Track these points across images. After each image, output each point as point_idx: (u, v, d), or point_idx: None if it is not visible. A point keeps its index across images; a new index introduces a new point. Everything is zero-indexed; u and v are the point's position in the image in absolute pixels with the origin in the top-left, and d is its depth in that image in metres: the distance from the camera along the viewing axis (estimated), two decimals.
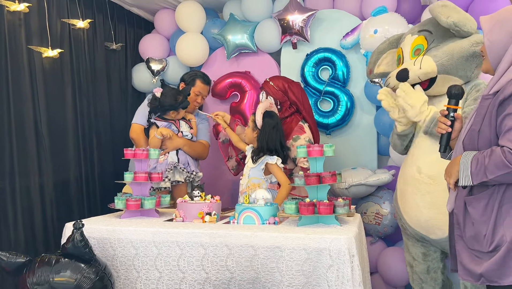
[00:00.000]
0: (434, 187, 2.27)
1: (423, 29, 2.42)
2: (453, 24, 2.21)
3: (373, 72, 2.72)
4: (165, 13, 4.03)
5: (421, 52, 2.36)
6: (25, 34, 2.88)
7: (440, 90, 2.34)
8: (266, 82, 2.99)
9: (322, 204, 1.87)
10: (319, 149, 1.96)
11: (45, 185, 2.99)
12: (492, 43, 1.62)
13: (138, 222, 2.11)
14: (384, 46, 2.70)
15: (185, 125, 2.93)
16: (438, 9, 2.28)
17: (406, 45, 2.46)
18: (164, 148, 2.80)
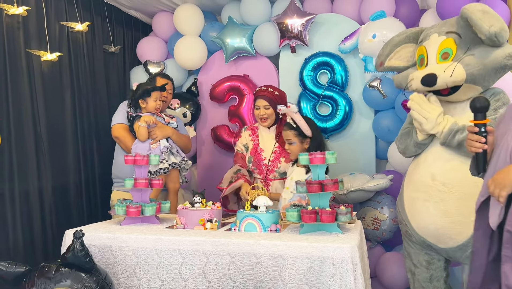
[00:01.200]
0: (448, 195, 2.21)
1: (452, 31, 2.25)
2: (494, 35, 2.07)
3: (383, 65, 2.59)
4: (163, 16, 4.02)
5: (450, 56, 2.23)
6: (23, 38, 2.85)
7: (460, 98, 2.29)
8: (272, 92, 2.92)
9: (325, 212, 1.88)
10: (321, 156, 1.96)
11: (44, 190, 2.97)
12: None
13: (139, 229, 2.11)
14: (400, 39, 2.55)
15: (166, 116, 2.99)
16: (479, 14, 2.10)
17: (431, 46, 2.31)
18: (154, 136, 2.84)
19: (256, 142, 2.95)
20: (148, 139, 2.85)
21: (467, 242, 2.19)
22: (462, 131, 2.17)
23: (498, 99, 2.20)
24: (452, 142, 2.20)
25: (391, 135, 3.38)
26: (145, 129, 2.80)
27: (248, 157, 2.94)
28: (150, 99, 2.86)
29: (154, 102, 2.85)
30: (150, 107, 2.86)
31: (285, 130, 2.60)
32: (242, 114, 3.72)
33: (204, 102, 3.93)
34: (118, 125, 3.01)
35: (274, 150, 2.88)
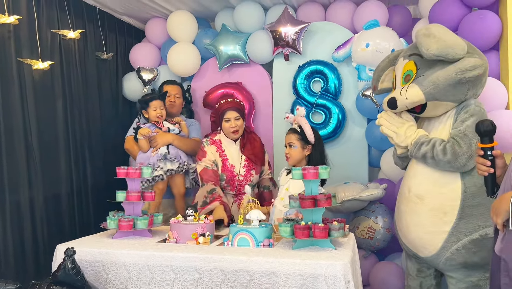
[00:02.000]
0: (420, 207, 2.31)
1: (413, 53, 2.39)
2: (434, 56, 2.19)
3: (377, 89, 2.73)
4: (156, 22, 4.00)
5: (411, 78, 2.34)
6: (14, 46, 2.83)
7: (434, 113, 2.37)
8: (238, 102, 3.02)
9: (318, 228, 1.88)
10: (314, 172, 1.96)
11: (35, 200, 2.94)
12: None
13: (131, 243, 2.09)
14: (385, 64, 2.69)
15: (168, 123, 3.06)
16: (419, 39, 2.26)
17: (398, 69, 2.47)
18: (154, 145, 2.94)
19: (224, 158, 2.84)
20: (151, 148, 2.98)
21: (439, 251, 2.27)
22: (427, 143, 2.25)
23: (466, 111, 2.26)
24: (417, 154, 2.28)
25: (383, 144, 3.38)
26: (144, 141, 2.94)
27: (220, 175, 2.82)
28: (150, 109, 3.01)
29: (154, 111, 2.99)
30: (152, 117, 3.01)
31: (288, 134, 2.59)
32: None
33: (197, 109, 3.92)
34: (128, 137, 3.21)
35: (244, 164, 2.84)
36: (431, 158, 2.20)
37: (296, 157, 2.53)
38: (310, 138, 2.51)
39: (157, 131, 2.98)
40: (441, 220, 2.22)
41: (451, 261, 2.22)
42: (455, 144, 2.15)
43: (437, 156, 2.18)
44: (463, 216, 2.18)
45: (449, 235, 2.21)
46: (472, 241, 2.17)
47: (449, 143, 2.17)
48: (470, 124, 2.16)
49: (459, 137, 2.17)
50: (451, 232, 2.20)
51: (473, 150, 2.13)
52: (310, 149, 2.54)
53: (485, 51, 2.89)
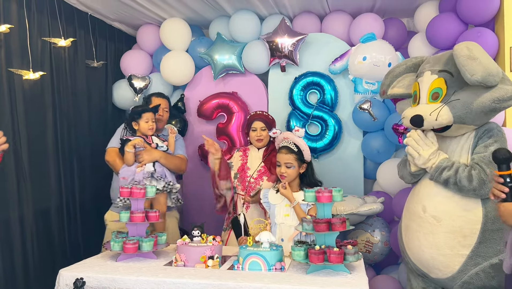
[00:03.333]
0: (437, 228, 2.25)
1: (444, 69, 2.28)
2: (477, 82, 2.09)
3: (386, 93, 2.64)
4: (148, 29, 3.90)
5: (439, 97, 2.25)
6: (5, 56, 2.70)
7: (454, 134, 2.31)
8: (267, 116, 3.00)
9: (333, 253, 1.86)
10: (329, 194, 1.94)
11: (25, 216, 2.82)
12: None
13: (137, 267, 2.02)
14: (400, 70, 2.59)
15: (157, 139, 2.91)
16: (463, 61, 2.11)
17: (424, 84, 2.34)
18: (140, 160, 2.79)
19: (244, 161, 3.01)
20: (136, 162, 2.80)
21: (456, 274, 2.24)
22: (449, 168, 2.20)
23: (490, 136, 2.21)
24: (439, 179, 2.24)
25: (380, 157, 3.41)
26: (131, 154, 2.78)
27: (234, 174, 2.99)
28: (142, 121, 2.84)
29: (146, 124, 2.83)
30: (143, 129, 2.84)
31: (284, 154, 2.56)
32: (231, 132, 3.66)
33: (191, 118, 3.85)
34: (110, 149, 3.00)
35: (259, 169, 2.92)
36: (453, 184, 2.16)
37: (293, 176, 2.54)
38: (308, 157, 2.56)
39: (145, 146, 2.83)
40: (460, 243, 2.17)
41: (469, 285, 2.19)
42: (481, 172, 2.11)
43: (460, 182, 2.14)
44: (483, 240, 2.15)
45: (468, 259, 2.18)
46: (491, 265, 2.15)
47: (475, 171, 2.12)
48: None
49: (485, 164, 2.12)
50: (470, 255, 2.17)
51: None
52: (304, 167, 2.57)
53: None
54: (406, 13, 3.66)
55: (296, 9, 3.61)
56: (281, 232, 2.44)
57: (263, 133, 2.93)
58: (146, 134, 2.86)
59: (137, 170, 2.76)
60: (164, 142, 2.92)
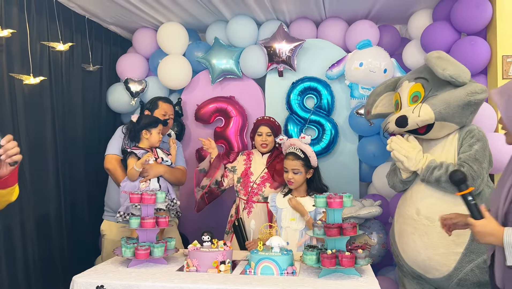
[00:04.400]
0: (432, 229, 2.37)
1: (420, 76, 2.51)
2: (449, 76, 2.31)
3: (370, 113, 2.81)
4: (144, 32, 3.90)
5: (419, 99, 2.45)
6: (6, 60, 2.67)
7: (437, 135, 2.47)
8: (273, 121, 3.03)
9: (345, 257, 1.92)
10: (339, 200, 2.00)
11: (26, 222, 2.80)
12: (511, 119, 1.60)
13: (151, 273, 2.04)
14: (381, 89, 2.79)
15: (162, 152, 2.82)
16: (433, 60, 2.37)
17: (403, 91, 2.55)
18: (145, 175, 2.69)
19: (248, 166, 3.03)
20: (139, 176, 2.70)
21: (452, 272, 2.36)
22: (439, 168, 2.34)
23: (472, 136, 2.38)
24: (430, 179, 2.37)
25: (376, 160, 3.50)
26: (137, 172, 2.65)
27: (237, 178, 3.02)
28: (155, 131, 2.74)
29: (157, 135, 2.75)
30: (154, 139, 2.74)
31: (291, 160, 2.62)
32: (229, 136, 3.69)
33: (188, 122, 3.86)
34: (111, 156, 2.89)
35: (262, 175, 2.95)
36: (445, 181, 2.28)
37: (300, 181, 2.62)
38: (315, 163, 2.62)
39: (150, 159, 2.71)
40: (454, 241, 2.29)
41: (465, 282, 2.31)
42: (469, 169, 2.25)
43: None
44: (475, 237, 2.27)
45: (462, 256, 2.30)
46: (485, 261, 2.26)
47: (463, 168, 2.26)
48: (478, 149, 2.29)
49: (471, 161, 2.27)
50: (464, 253, 2.30)
51: (484, 174, 2.26)
52: (311, 173, 2.63)
53: (474, 75, 3.07)
54: (399, 20, 3.76)
55: (293, 14, 3.67)
56: (286, 235, 2.50)
57: (268, 138, 2.96)
58: (154, 146, 2.77)
59: (141, 186, 2.67)
60: (168, 156, 2.84)
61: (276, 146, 3.01)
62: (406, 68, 3.56)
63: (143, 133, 2.73)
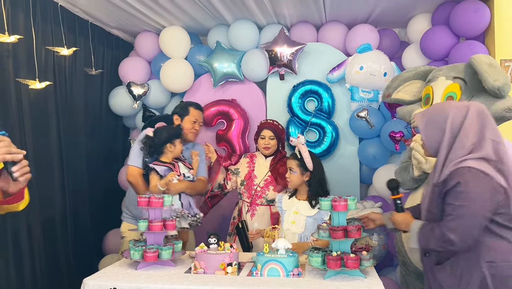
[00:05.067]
0: None
1: (459, 76, 2.44)
2: (497, 89, 2.25)
3: (390, 96, 2.76)
4: (147, 36, 3.94)
5: (453, 100, 2.39)
6: (12, 66, 2.71)
7: None
8: (277, 125, 3.06)
9: (350, 259, 1.96)
10: (344, 204, 2.05)
11: (33, 225, 2.83)
12: (427, 138, 1.87)
13: (160, 275, 2.08)
14: (409, 75, 2.73)
15: (184, 166, 2.75)
16: (485, 67, 2.28)
17: (438, 87, 2.48)
18: (166, 192, 2.59)
19: (251, 168, 3.07)
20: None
21: None
22: None
23: None
24: None
25: (376, 162, 3.55)
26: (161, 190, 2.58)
27: (241, 180, 3.05)
28: (178, 141, 2.69)
29: (180, 146, 2.70)
30: (178, 150, 2.70)
31: (289, 159, 2.67)
32: (231, 138, 3.73)
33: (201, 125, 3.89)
34: (133, 169, 2.78)
35: (266, 178, 2.99)
36: None
37: (296, 182, 2.61)
38: (309, 165, 2.59)
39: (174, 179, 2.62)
40: None
41: None
42: None
43: None
44: None
45: None
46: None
47: None
48: None
49: None
50: None
51: None
52: (308, 176, 2.61)
53: None
54: (398, 24, 3.82)
55: (294, 18, 3.72)
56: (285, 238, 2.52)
57: (271, 142, 2.99)
58: (177, 157, 2.73)
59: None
60: (190, 171, 2.76)
61: (279, 149, 3.05)
62: None
63: (167, 146, 2.66)
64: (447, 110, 1.82)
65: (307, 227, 2.51)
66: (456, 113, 1.80)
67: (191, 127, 2.95)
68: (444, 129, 1.81)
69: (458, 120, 1.79)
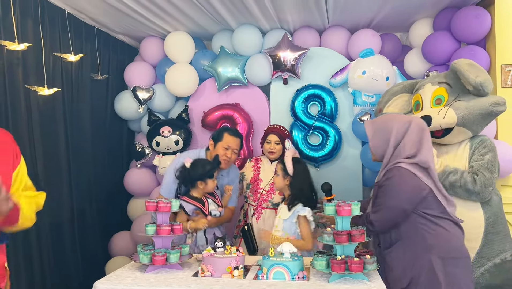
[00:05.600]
0: None
1: (443, 81, 2.61)
2: (479, 84, 2.40)
3: (382, 111, 2.90)
4: (152, 41, 3.99)
5: (442, 102, 2.56)
6: (22, 73, 2.76)
7: (452, 140, 2.57)
8: (283, 130, 3.13)
9: (354, 262, 2.01)
10: (348, 208, 2.10)
11: (41, 227, 2.88)
12: (374, 147, 2.24)
13: (168, 278, 2.13)
14: (398, 89, 2.89)
15: (213, 203, 2.73)
16: (466, 67, 2.46)
17: (426, 93, 2.64)
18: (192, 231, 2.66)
19: (257, 172, 3.14)
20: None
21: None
22: (454, 173, 2.46)
23: (484, 146, 2.51)
24: (445, 183, 2.47)
25: (378, 165, 3.57)
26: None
27: (246, 184, 3.12)
28: (210, 180, 2.67)
29: (213, 183, 2.68)
30: (209, 188, 2.68)
31: (277, 163, 2.75)
32: None
33: (195, 128, 3.95)
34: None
35: (271, 182, 3.04)
36: (459, 186, 2.41)
37: (279, 184, 2.69)
38: (290, 171, 2.63)
39: (199, 213, 2.67)
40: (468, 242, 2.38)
41: (476, 285, 2.41)
42: (482, 177, 2.38)
43: (465, 185, 2.39)
44: (486, 243, 2.41)
45: (474, 261, 2.41)
46: (495, 265, 2.39)
47: (477, 176, 2.39)
48: (490, 159, 2.42)
49: (484, 170, 2.40)
50: (475, 258, 2.42)
51: (494, 183, 2.38)
52: (289, 180, 2.64)
53: None
54: (400, 28, 3.87)
55: (297, 23, 3.77)
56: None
57: (276, 146, 3.06)
58: (209, 192, 2.72)
59: (187, 241, 2.66)
60: (218, 208, 2.74)
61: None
62: (407, 76, 3.67)
63: (198, 183, 2.66)
64: (392, 124, 2.16)
65: (284, 230, 2.57)
66: (399, 128, 2.14)
67: (223, 153, 2.83)
68: (389, 140, 2.14)
69: (400, 134, 2.13)
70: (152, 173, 3.98)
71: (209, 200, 2.72)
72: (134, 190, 3.94)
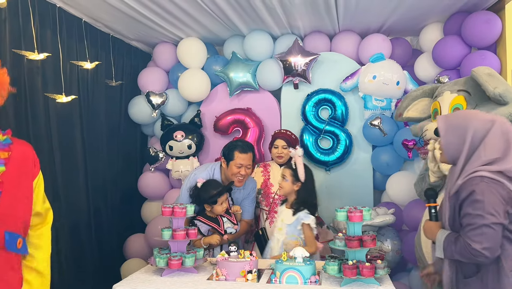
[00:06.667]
0: None
1: (463, 89, 2.57)
2: (498, 95, 2.37)
3: (402, 116, 2.91)
4: (164, 47, 4.07)
5: None
6: (41, 81, 2.85)
7: None
8: (290, 135, 3.17)
9: (365, 267, 2.06)
10: (360, 214, 2.14)
11: (59, 229, 2.97)
12: (447, 144, 1.87)
13: (184, 282, 2.19)
14: (417, 94, 2.88)
15: (228, 221, 2.77)
16: (484, 77, 2.42)
17: (444, 101, 2.61)
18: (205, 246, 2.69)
19: (267, 177, 3.20)
20: None
21: None
22: None
23: None
24: None
25: (389, 169, 3.63)
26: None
27: (258, 189, 3.17)
28: (217, 206, 2.70)
29: (220, 206, 2.70)
30: (217, 211, 2.72)
31: (284, 168, 2.76)
32: None
33: (207, 133, 4.02)
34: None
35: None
36: None
37: (287, 189, 2.69)
38: (301, 177, 2.65)
39: (214, 232, 2.71)
40: None
41: None
42: None
43: None
44: None
45: None
46: None
47: None
48: None
49: None
50: None
51: None
52: (299, 186, 2.67)
53: None
54: (411, 32, 3.89)
55: (307, 29, 3.81)
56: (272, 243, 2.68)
57: (284, 151, 3.12)
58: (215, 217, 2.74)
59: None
60: (234, 226, 2.77)
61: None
62: (418, 80, 3.69)
63: (205, 206, 2.73)
64: (471, 121, 1.83)
65: (288, 233, 2.62)
66: (478, 126, 1.80)
67: (236, 172, 2.79)
68: (465, 139, 1.81)
69: (480, 134, 1.80)
70: (166, 176, 4.05)
71: (224, 219, 2.76)
72: (148, 194, 4.02)
